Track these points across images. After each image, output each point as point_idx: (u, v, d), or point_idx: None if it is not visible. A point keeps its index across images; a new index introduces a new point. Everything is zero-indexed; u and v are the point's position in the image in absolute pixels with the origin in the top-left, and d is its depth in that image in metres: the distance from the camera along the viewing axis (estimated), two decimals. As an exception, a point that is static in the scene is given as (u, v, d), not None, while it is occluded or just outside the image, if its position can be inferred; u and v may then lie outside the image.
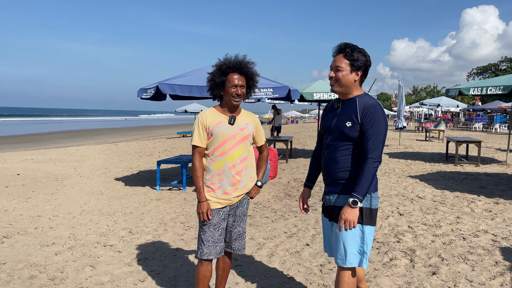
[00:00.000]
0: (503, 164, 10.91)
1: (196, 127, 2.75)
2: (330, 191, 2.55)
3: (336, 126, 2.49)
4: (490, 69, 60.98)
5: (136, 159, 12.61)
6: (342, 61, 2.46)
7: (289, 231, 5.00)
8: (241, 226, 2.87)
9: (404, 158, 12.38)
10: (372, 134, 2.36)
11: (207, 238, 2.73)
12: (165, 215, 5.74)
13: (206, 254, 2.73)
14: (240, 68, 2.72)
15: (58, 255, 4.18)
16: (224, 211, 2.78)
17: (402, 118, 16.57)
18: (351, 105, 2.47)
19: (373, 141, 2.36)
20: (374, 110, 2.38)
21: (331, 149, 2.51)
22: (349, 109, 2.47)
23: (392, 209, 6.05)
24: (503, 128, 30.95)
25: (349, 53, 2.44)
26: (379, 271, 3.76)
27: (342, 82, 2.47)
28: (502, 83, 9.60)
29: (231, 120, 2.74)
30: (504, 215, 5.69)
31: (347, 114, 2.46)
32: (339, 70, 2.46)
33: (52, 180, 8.63)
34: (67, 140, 24.11)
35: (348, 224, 2.36)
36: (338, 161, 2.47)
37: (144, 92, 7.43)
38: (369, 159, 2.35)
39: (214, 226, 2.74)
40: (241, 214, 2.86)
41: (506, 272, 3.70)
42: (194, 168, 2.74)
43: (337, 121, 2.50)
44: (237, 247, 2.87)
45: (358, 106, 2.43)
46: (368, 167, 2.34)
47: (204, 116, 2.76)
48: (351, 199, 2.33)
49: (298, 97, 8.50)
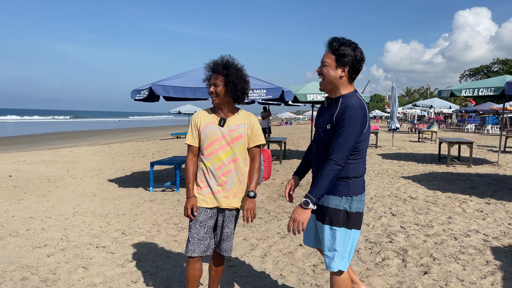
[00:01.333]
0: (495, 165, 11.02)
1: (190, 127, 2.85)
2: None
3: (321, 127, 2.43)
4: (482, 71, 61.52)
5: (130, 160, 12.57)
6: (329, 56, 2.35)
7: (282, 231, 5.01)
8: (229, 227, 2.85)
9: (397, 159, 12.45)
10: (341, 135, 2.23)
11: (192, 235, 2.75)
12: (158, 216, 5.73)
13: (191, 251, 2.74)
14: (215, 67, 2.75)
15: (50, 257, 4.16)
16: (212, 210, 2.79)
17: (395, 119, 16.67)
18: (334, 105, 2.37)
19: (339, 143, 2.23)
20: (350, 111, 2.24)
21: (317, 147, 2.48)
22: (332, 110, 2.36)
23: (385, 209, 6.09)
24: (495, 129, 31.23)
25: (336, 48, 2.32)
26: (371, 271, 3.78)
27: (329, 78, 2.36)
28: (494, 84, 9.71)
29: (221, 122, 2.77)
30: (495, 215, 5.75)
31: (330, 115, 2.36)
32: (324, 66, 2.37)
33: (45, 182, 8.58)
34: (60, 142, 23.97)
35: (296, 225, 2.28)
36: (321, 161, 2.42)
37: (137, 93, 7.41)
38: (330, 161, 2.24)
39: (200, 223, 2.76)
40: (229, 215, 2.85)
41: (497, 272, 3.73)
42: (186, 166, 2.83)
43: (322, 120, 2.44)
44: (224, 248, 2.87)
45: (339, 106, 2.32)
46: (328, 169, 2.23)
47: (197, 116, 2.83)
48: (303, 199, 2.26)
49: (291, 98, 8.52)
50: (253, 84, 7.26)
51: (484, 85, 9.92)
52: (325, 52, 2.39)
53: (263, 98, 7.50)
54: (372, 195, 7.14)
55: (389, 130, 17.12)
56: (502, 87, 9.29)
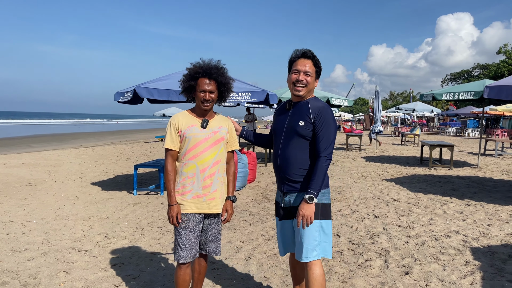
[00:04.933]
0: (475, 168, 11.25)
1: (169, 130, 2.75)
2: (287, 191, 2.64)
3: (289, 126, 2.62)
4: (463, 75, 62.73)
5: (113, 163, 12.43)
6: (312, 68, 2.61)
7: (266, 234, 5.03)
8: (216, 228, 2.86)
9: (381, 162, 12.61)
10: (324, 134, 2.53)
11: (183, 242, 2.72)
12: (142, 220, 5.69)
13: (183, 258, 2.72)
14: (210, 73, 2.70)
15: (31, 261, 4.09)
16: (200, 215, 2.78)
17: (379, 122, 16.89)
18: (304, 106, 2.62)
19: (325, 141, 2.52)
20: (325, 112, 2.55)
21: (285, 149, 2.62)
22: (301, 110, 2.61)
23: (368, 211, 6.16)
24: (475, 132, 31.88)
25: (318, 62, 2.63)
26: (354, 272, 3.83)
27: (310, 87, 2.62)
28: (474, 88, 9.93)
29: (204, 124, 2.74)
30: (475, 216, 5.87)
31: (299, 115, 2.60)
32: (309, 75, 2.60)
33: (25, 185, 8.43)
34: (42, 144, 23.54)
35: (305, 220, 2.49)
36: (293, 160, 2.59)
37: (121, 95, 7.35)
38: (321, 157, 2.50)
39: (190, 229, 2.73)
40: (216, 215, 2.86)
41: (476, 272, 3.82)
42: (166, 171, 2.74)
43: (289, 121, 2.64)
44: (212, 249, 2.87)
45: (310, 107, 2.59)
46: (321, 165, 2.49)
47: (176, 119, 2.76)
48: (307, 196, 2.46)
49: (276, 101, 8.55)
50: (238, 87, 7.28)
51: (464, 89, 10.14)
52: (304, 61, 2.61)
53: (247, 101, 7.52)
54: (356, 197, 7.22)
55: (372, 133, 17.29)
56: (481, 91, 9.50)
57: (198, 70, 2.72)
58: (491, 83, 7.16)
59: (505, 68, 40.00)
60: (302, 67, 2.58)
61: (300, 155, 2.58)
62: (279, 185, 2.71)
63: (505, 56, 42.40)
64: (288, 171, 2.61)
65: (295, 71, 2.61)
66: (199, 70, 2.72)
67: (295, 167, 2.59)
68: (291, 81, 2.64)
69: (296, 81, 2.59)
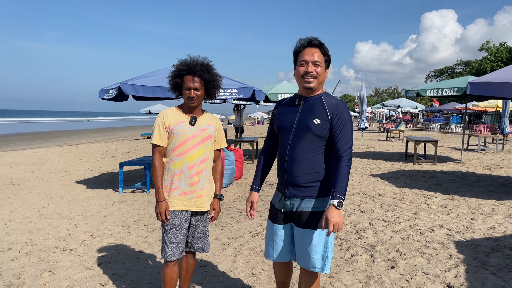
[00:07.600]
0: (458, 162, 11.44)
1: (157, 126, 2.74)
2: (292, 195, 2.38)
3: (301, 123, 2.35)
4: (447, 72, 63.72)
5: (98, 161, 12.28)
6: (320, 57, 2.34)
7: (254, 230, 5.03)
8: (204, 225, 2.85)
9: (366, 158, 12.73)
10: (344, 133, 2.29)
11: (170, 239, 2.70)
12: (128, 218, 5.64)
13: (170, 255, 2.70)
14: (194, 70, 2.67)
15: (15, 261, 4.02)
16: (187, 212, 2.76)
17: (364, 119, 17.04)
18: (317, 102, 2.36)
19: (344, 140, 2.28)
20: (342, 109, 2.31)
21: (295, 149, 2.35)
22: (315, 107, 2.35)
23: (354, 206, 6.21)
24: (458, 128, 32.44)
25: (326, 50, 2.36)
26: (341, 267, 3.86)
27: (321, 78, 2.35)
28: (457, 85, 10.09)
29: (192, 121, 2.73)
30: (459, 210, 5.98)
31: (314, 112, 2.33)
32: (318, 66, 2.33)
33: (8, 184, 8.27)
34: (25, 143, 23.12)
35: (336, 227, 2.20)
36: (302, 162, 2.33)
37: (105, 92, 7.25)
38: (343, 158, 2.26)
39: (177, 226, 2.71)
40: (203, 213, 2.85)
41: (460, 265, 3.89)
42: (153, 167, 2.72)
43: (300, 118, 2.36)
44: (200, 246, 2.86)
45: (326, 104, 2.34)
46: (344, 166, 2.25)
47: (165, 115, 2.74)
48: (336, 201, 2.20)
49: (263, 98, 8.56)
50: (224, 84, 7.25)
51: (447, 86, 10.30)
52: (312, 50, 2.34)
53: (234, 98, 7.50)
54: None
55: (358, 129, 17.45)
56: (464, 87, 9.67)
57: (183, 68, 2.69)
58: (473, 80, 7.27)
59: (487, 64, 40.74)
60: (310, 57, 2.30)
61: (310, 157, 2.32)
62: (282, 187, 2.44)
63: (487, 53, 43.17)
64: (296, 174, 2.34)
65: (302, 62, 2.32)
66: (184, 67, 2.69)
67: (304, 170, 2.33)
68: (299, 74, 2.34)
69: (305, 73, 2.31)
